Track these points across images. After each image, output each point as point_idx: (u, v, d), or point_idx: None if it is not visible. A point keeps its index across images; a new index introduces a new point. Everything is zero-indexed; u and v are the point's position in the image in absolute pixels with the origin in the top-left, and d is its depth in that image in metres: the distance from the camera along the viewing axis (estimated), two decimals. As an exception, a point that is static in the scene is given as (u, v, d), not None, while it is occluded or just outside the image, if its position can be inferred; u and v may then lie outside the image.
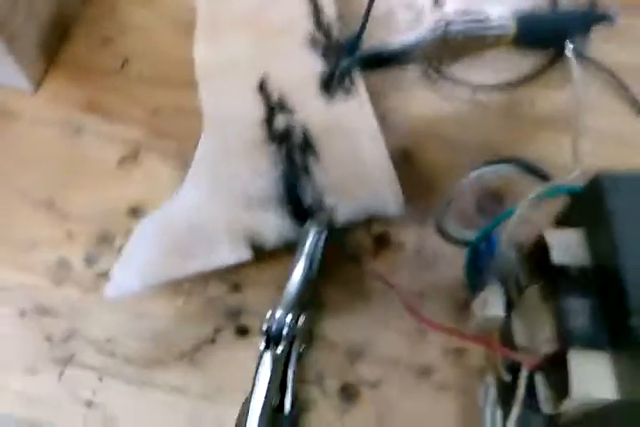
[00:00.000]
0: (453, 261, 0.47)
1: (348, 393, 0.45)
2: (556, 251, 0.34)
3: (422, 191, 0.51)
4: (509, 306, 0.38)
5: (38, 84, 0.56)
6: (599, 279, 0.32)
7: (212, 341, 0.47)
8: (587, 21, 0.49)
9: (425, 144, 0.53)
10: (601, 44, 0.53)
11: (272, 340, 0.40)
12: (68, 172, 0.53)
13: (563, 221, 0.38)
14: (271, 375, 0.39)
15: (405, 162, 0.52)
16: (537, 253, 0.35)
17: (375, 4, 0.51)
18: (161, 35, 0.59)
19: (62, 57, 0.58)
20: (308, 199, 0.46)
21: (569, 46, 0.47)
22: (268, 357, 0.40)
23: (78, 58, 0.58)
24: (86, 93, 0.56)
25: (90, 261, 0.50)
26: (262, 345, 0.40)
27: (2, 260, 0.50)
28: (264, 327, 0.40)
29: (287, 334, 0.40)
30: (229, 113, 0.49)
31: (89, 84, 0.57)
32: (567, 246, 0.34)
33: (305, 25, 0.50)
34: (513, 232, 0.37)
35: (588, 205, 0.34)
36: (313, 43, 0.50)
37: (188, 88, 0.51)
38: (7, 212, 0.52)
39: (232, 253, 0.45)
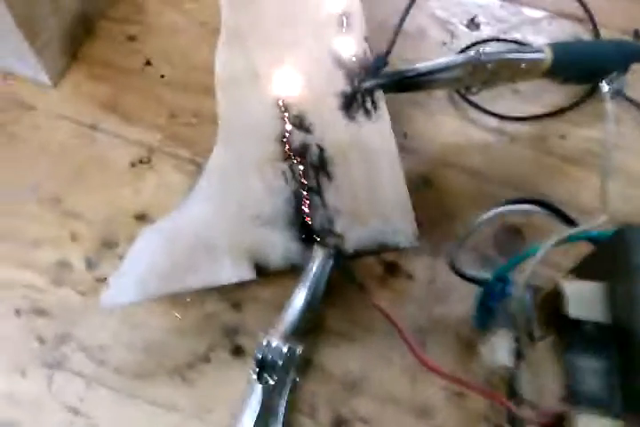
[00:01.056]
0: (465, 297, 0.45)
1: (341, 427, 0.44)
2: (572, 303, 0.32)
3: (438, 221, 0.49)
4: (519, 354, 0.36)
5: (58, 79, 0.55)
6: (615, 339, 0.31)
7: (207, 359, 0.45)
8: (627, 57, 0.47)
9: (446, 172, 0.51)
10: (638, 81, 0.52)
11: (265, 370, 0.38)
12: (79, 171, 0.52)
13: (584, 269, 0.36)
14: (261, 407, 0.37)
15: (424, 189, 0.51)
16: (553, 300, 0.33)
17: (407, 22, 0.49)
18: (186, 38, 0.57)
19: (85, 53, 0.57)
20: (317, 223, 0.45)
21: (605, 83, 0.45)
22: (258, 388, 0.38)
23: (101, 55, 0.57)
24: (106, 92, 0.55)
25: (91, 264, 0.49)
26: (254, 375, 0.38)
27: (4, 256, 0.49)
28: (258, 355, 0.38)
29: (282, 365, 0.38)
30: (246, 125, 0.47)
31: (109, 82, 0.56)
32: (585, 299, 0.32)
33: (330, 42, 0.49)
34: (530, 275, 0.35)
35: (611, 257, 0.32)
36: (337, 61, 0.48)
37: (208, 94, 0.50)
38: (14, 207, 0.51)
39: (235, 271, 0.44)
